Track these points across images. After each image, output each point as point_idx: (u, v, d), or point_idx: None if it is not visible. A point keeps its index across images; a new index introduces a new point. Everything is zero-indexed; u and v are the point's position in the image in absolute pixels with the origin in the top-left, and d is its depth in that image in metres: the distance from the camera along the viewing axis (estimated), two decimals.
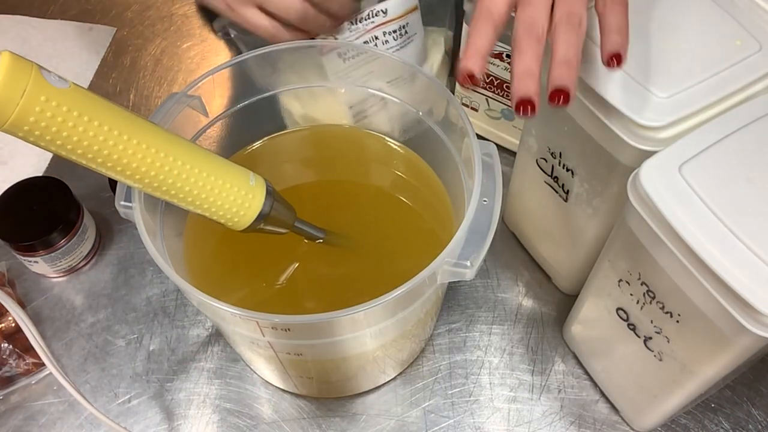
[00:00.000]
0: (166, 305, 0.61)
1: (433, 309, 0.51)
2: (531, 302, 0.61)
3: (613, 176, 0.45)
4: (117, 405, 0.56)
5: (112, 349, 0.59)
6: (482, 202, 0.42)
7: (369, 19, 0.56)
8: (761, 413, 0.54)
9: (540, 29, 0.37)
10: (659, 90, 0.40)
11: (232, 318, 0.41)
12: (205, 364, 0.58)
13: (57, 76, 0.34)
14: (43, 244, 0.59)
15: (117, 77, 0.78)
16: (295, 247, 0.50)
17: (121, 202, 0.43)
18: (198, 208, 0.42)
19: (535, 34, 0.37)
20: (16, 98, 0.32)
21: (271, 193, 0.45)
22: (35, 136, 0.34)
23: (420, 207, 0.55)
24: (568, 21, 0.37)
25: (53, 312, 0.61)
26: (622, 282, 0.45)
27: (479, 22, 0.38)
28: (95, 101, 0.36)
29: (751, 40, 0.42)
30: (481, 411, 0.55)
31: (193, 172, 0.40)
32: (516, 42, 0.37)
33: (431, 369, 0.57)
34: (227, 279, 0.50)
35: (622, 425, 0.54)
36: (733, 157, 0.38)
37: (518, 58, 0.37)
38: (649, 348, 0.45)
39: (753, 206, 0.36)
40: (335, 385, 0.54)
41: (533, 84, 0.36)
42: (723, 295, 0.35)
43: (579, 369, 0.57)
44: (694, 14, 0.44)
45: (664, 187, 0.37)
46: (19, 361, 0.56)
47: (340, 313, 0.38)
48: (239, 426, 0.55)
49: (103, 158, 0.37)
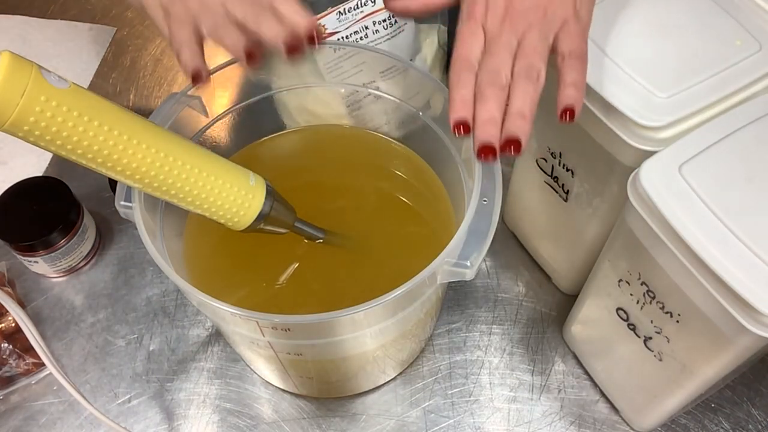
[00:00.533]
0: (166, 305, 0.61)
1: (433, 309, 0.51)
2: (531, 302, 0.61)
3: (613, 176, 0.45)
4: (117, 405, 0.56)
5: (112, 349, 0.59)
6: (482, 202, 0.41)
7: (358, 8, 0.56)
8: (761, 413, 0.54)
9: (504, 79, 0.38)
10: (659, 90, 0.40)
11: (232, 318, 0.41)
12: (205, 364, 0.58)
13: (57, 76, 0.34)
14: (43, 244, 0.59)
15: (117, 77, 0.78)
16: (295, 247, 0.50)
17: (121, 202, 0.43)
18: (198, 208, 0.42)
19: (499, 83, 0.38)
20: (16, 98, 0.32)
21: (271, 193, 0.45)
22: (35, 136, 0.34)
23: (420, 207, 0.55)
24: (527, 74, 0.38)
25: (53, 312, 0.61)
26: (622, 282, 0.45)
27: (461, 73, 0.39)
28: (95, 101, 0.36)
29: (751, 40, 0.42)
30: (481, 411, 0.55)
31: (193, 172, 0.40)
32: (480, 90, 0.38)
33: (431, 369, 0.57)
34: (227, 279, 0.50)
35: (622, 425, 0.54)
36: (733, 157, 0.38)
37: (482, 106, 0.38)
38: (649, 348, 0.45)
39: (753, 206, 0.36)
40: (335, 385, 0.54)
41: (496, 131, 0.38)
42: (723, 295, 0.35)
43: (579, 369, 0.57)
44: (694, 14, 0.44)
45: (664, 187, 0.37)
46: (19, 361, 0.56)
47: (340, 313, 0.38)
48: (239, 426, 0.55)
49: (103, 158, 0.37)
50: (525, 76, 0.38)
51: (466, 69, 0.39)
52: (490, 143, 0.38)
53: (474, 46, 0.39)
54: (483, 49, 0.39)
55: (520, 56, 0.38)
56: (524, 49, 0.38)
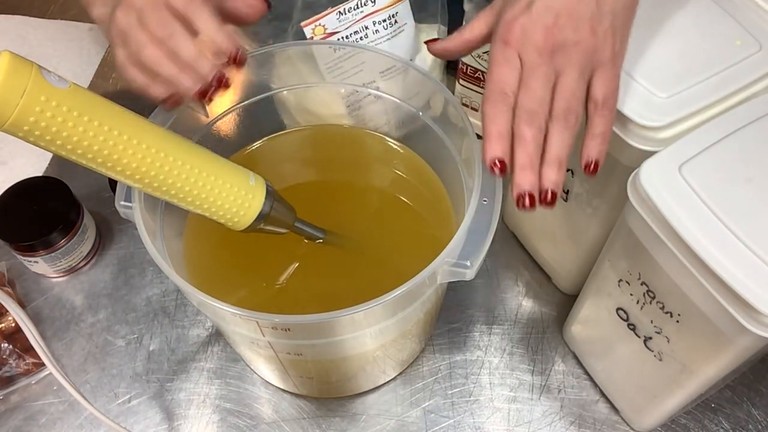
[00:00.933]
0: (166, 305, 0.61)
1: (433, 309, 0.51)
2: (531, 302, 0.61)
3: (613, 176, 0.45)
4: (117, 405, 0.56)
5: (112, 349, 0.59)
6: (482, 202, 0.41)
7: (358, 8, 0.56)
8: (761, 413, 0.54)
9: (543, 119, 0.38)
10: (659, 90, 0.40)
11: (232, 318, 0.41)
12: (205, 364, 0.58)
13: (57, 76, 0.34)
14: (43, 244, 0.59)
15: (117, 77, 0.78)
16: (295, 247, 0.50)
17: (121, 202, 0.43)
18: (198, 208, 0.42)
19: (537, 124, 0.37)
20: (16, 98, 0.32)
21: (271, 193, 0.45)
22: (35, 136, 0.34)
23: (420, 207, 0.55)
24: (565, 118, 0.38)
25: (53, 312, 0.61)
26: (622, 282, 0.45)
27: (496, 104, 0.38)
28: (95, 101, 0.36)
29: (751, 40, 0.42)
30: (481, 411, 0.55)
31: (193, 172, 0.40)
32: (519, 129, 0.38)
33: (431, 369, 0.57)
34: (227, 279, 0.50)
35: (622, 425, 0.54)
36: (732, 157, 0.38)
37: (521, 148, 0.38)
38: (649, 348, 0.45)
39: (753, 206, 0.36)
40: (335, 385, 0.54)
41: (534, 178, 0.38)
42: (723, 295, 0.35)
43: (579, 369, 0.57)
44: (694, 14, 0.44)
45: (664, 187, 0.37)
46: (19, 361, 0.56)
47: (340, 313, 0.38)
48: (239, 426, 0.55)
49: (103, 158, 0.37)
50: (563, 119, 0.37)
51: (501, 101, 0.38)
52: (530, 192, 0.38)
53: (510, 76, 0.38)
54: (519, 78, 0.38)
55: (559, 96, 0.38)
56: (563, 90, 0.37)
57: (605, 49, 0.37)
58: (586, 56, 0.37)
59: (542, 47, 0.37)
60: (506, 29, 0.38)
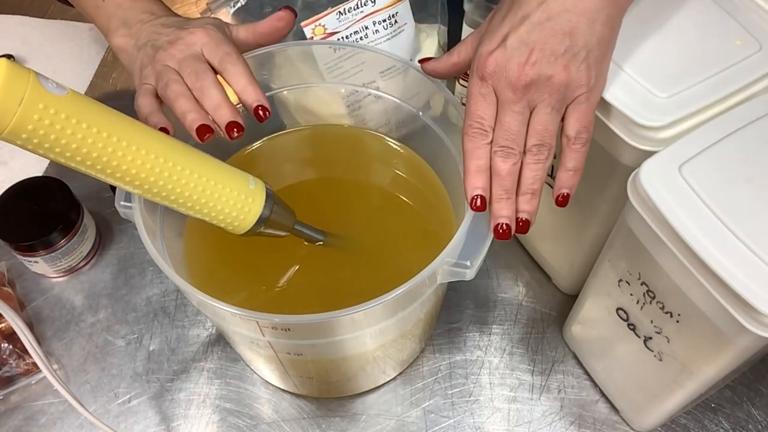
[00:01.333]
0: (166, 305, 0.61)
1: (433, 309, 0.51)
2: (531, 302, 0.61)
3: (613, 176, 0.45)
4: (117, 405, 0.56)
5: (112, 349, 0.59)
6: None
7: (358, 8, 0.56)
8: (761, 413, 0.54)
9: (518, 154, 0.39)
10: (659, 90, 0.40)
11: (231, 318, 0.41)
12: (205, 364, 0.58)
13: (55, 83, 0.34)
14: (43, 244, 0.59)
15: (117, 77, 0.78)
16: (295, 250, 0.50)
17: (121, 202, 0.43)
18: (198, 213, 0.42)
19: (512, 159, 0.39)
20: (14, 106, 0.32)
21: (271, 197, 0.45)
22: (34, 144, 0.34)
23: (420, 207, 0.55)
24: (538, 152, 0.39)
25: (53, 312, 0.61)
26: (622, 282, 0.45)
27: (475, 139, 0.40)
28: (93, 107, 0.36)
29: (751, 40, 0.42)
30: (481, 411, 0.55)
31: (192, 177, 0.40)
32: (495, 164, 0.39)
33: (431, 369, 0.57)
34: (227, 279, 0.50)
35: (622, 425, 0.54)
36: (733, 157, 0.38)
37: (498, 182, 0.40)
38: (649, 348, 0.45)
39: (753, 206, 0.36)
40: (335, 385, 0.54)
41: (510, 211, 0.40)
42: (723, 295, 0.35)
43: (579, 369, 0.57)
44: (694, 14, 0.44)
45: (664, 187, 0.37)
46: (19, 361, 0.56)
47: (340, 313, 0.38)
48: (239, 426, 0.55)
49: (102, 164, 0.36)
50: (536, 154, 0.39)
51: (479, 136, 0.39)
52: (506, 223, 0.40)
53: (486, 112, 0.39)
54: (495, 113, 0.39)
55: (532, 131, 0.39)
56: (536, 124, 0.39)
57: (579, 84, 0.38)
58: (560, 91, 0.38)
59: (515, 83, 0.38)
60: (482, 64, 0.39)
